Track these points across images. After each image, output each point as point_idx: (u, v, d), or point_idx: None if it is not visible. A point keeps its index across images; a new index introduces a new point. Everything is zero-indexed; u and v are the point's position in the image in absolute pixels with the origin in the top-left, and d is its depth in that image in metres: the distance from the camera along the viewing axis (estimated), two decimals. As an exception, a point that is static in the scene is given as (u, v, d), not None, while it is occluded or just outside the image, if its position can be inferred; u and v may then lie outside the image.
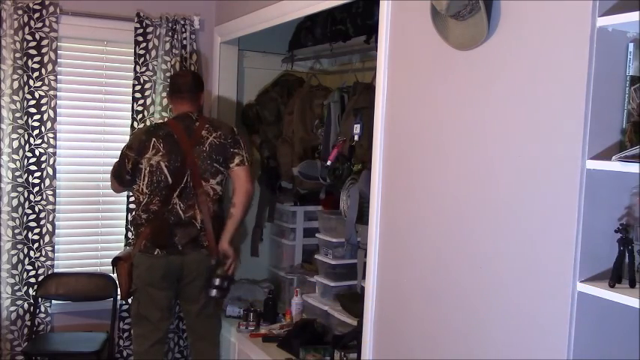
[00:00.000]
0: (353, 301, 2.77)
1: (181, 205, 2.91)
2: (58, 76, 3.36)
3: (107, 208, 3.61)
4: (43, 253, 3.34)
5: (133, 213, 3.14)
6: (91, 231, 3.60)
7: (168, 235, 2.91)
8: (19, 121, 3.25)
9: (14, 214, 3.28)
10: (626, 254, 1.44)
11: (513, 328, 1.64)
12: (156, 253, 2.92)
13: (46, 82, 3.28)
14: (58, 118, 3.35)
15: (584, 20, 1.44)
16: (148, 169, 2.92)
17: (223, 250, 3.01)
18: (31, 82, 3.26)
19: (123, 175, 3.01)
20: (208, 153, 2.94)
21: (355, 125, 2.74)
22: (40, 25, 3.26)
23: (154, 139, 2.93)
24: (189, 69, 3.54)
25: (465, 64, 1.80)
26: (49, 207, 3.34)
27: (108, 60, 3.56)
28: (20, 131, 3.26)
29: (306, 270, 3.48)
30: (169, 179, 2.90)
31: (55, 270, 3.41)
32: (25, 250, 3.31)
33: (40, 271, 3.34)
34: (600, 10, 1.43)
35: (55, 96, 3.32)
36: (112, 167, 3.11)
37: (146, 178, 2.92)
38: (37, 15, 3.25)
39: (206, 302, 3.04)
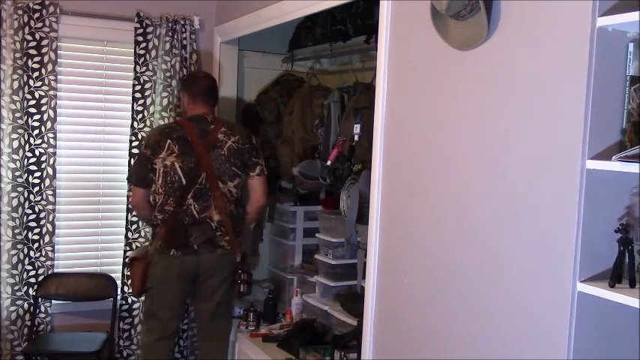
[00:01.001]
0: (353, 301, 2.77)
1: (196, 205, 2.90)
2: (58, 76, 3.36)
3: (107, 208, 3.61)
4: (43, 253, 3.34)
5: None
6: (91, 231, 3.60)
7: (184, 236, 2.90)
8: (19, 121, 3.25)
9: (14, 214, 3.28)
10: (626, 254, 1.44)
11: (513, 328, 1.64)
12: (171, 253, 2.91)
13: (46, 82, 3.28)
14: (58, 118, 3.35)
15: (584, 20, 1.44)
16: (162, 169, 2.91)
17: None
18: (31, 82, 3.26)
19: (145, 175, 2.95)
20: (227, 157, 2.94)
21: (355, 125, 2.74)
22: (40, 25, 3.26)
23: (168, 140, 2.91)
24: (205, 71, 3.53)
25: (465, 64, 1.80)
26: (49, 207, 3.34)
27: (108, 60, 3.56)
28: (20, 131, 3.26)
29: (306, 270, 3.48)
30: (183, 180, 2.89)
31: (55, 270, 3.41)
32: (25, 250, 3.31)
33: (40, 271, 3.34)
34: (600, 10, 1.43)
35: (55, 96, 3.32)
36: (130, 176, 3.11)
37: (160, 179, 2.91)
38: (37, 15, 3.25)
39: (219, 302, 3.03)
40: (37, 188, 3.31)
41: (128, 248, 3.50)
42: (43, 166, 3.31)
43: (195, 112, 3.02)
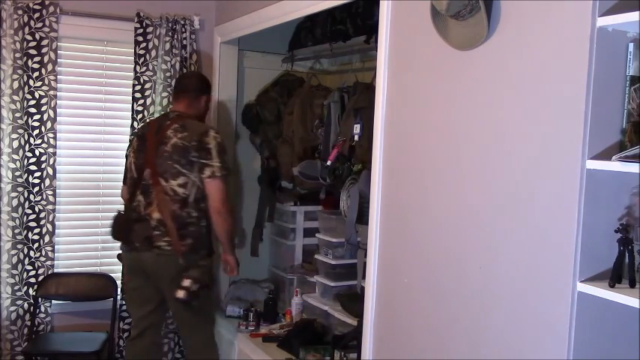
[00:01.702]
0: (353, 301, 2.77)
1: (143, 202, 2.90)
2: (58, 76, 3.36)
3: (107, 209, 3.61)
4: (43, 253, 3.34)
5: None
6: (91, 231, 3.60)
7: (127, 231, 2.93)
8: (19, 121, 3.25)
9: (14, 214, 3.28)
10: (626, 254, 1.44)
11: (513, 328, 1.64)
12: (121, 247, 3.02)
13: (46, 82, 3.29)
14: (58, 118, 3.35)
15: (584, 20, 1.44)
16: (127, 165, 3.03)
17: (223, 260, 3.09)
18: (31, 82, 3.26)
19: (125, 172, 3.10)
20: (170, 153, 2.83)
21: (355, 125, 2.74)
22: (40, 25, 3.26)
23: (135, 137, 3.05)
24: (196, 71, 3.54)
25: (465, 64, 1.80)
26: (49, 207, 3.34)
27: (108, 60, 3.56)
28: (20, 131, 3.26)
29: (306, 270, 3.47)
30: (135, 175, 2.94)
31: (55, 270, 3.41)
32: (25, 250, 3.31)
33: (40, 271, 3.34)
34: (600, 10, 1.43)
35: (55, 96, 3.32)
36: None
37: (127, 174, 3.04)
38: (37, 15, 3.25)
39: (177, 303, 2.86)
40: (37, 188, 3.31)
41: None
42: (43, 166, 3.31)
43: (171, 109, 3.10)
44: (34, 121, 3.28)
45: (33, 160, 3.29)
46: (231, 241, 3.05)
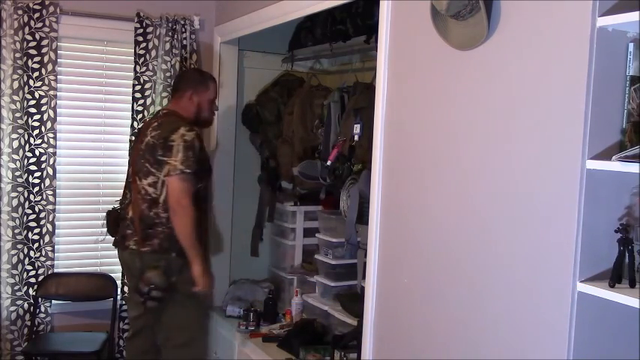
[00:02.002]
0: (353, 301, 2.77)
1: (128, 200, 2.94)
2: (58, 76, 3.36)
3: (107, 209, 3.59)
4: (43, 253, 3.34)
5: None
6: (91, 231, 3.59)
7: (117, 229, 2.99)
8: (19, 121, 3.25)
9: (14, 214, 3.28)
10: (626, 254, 1.44)
11: (513, 327, 1.64)
12: (113, 245, 3.06)
13: (46, 82, 3.29)
14: (58, 118, 3.35)
15: (584, 20, 1.44)
16: None
17: (193, 277, 2.80)
18: (31, 82, 3.26)
19: None
20: (143, 152, 2.82)
21: (355, 125, 2.74)
22: (40, 25, 3.26)
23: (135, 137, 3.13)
24: (191, 68, 3.54)
25: (465, 64, 1.80)
26: (49, 207, 3.34)
27: (108, 60, 3.56)
28: (20, 131, 3.26)
29: (306, 270, 3.47)
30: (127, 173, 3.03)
31: (55, 270, 3.41)
32: (25, 250, 3.31)
33: (40, 271, 3.34)
34: (600, 10, 1.43)
35: (55, 96, 3.32)
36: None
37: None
38: (37, 15, 3.25)
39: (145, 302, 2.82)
40: (37, 188, 3.31)
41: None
42: (43, 166, 3.31)
43: (163, 107, 3.14)
44: (34, 121, 3.28)
45: (33, 160, 3.29)
46: (193, 247, 2.78)
